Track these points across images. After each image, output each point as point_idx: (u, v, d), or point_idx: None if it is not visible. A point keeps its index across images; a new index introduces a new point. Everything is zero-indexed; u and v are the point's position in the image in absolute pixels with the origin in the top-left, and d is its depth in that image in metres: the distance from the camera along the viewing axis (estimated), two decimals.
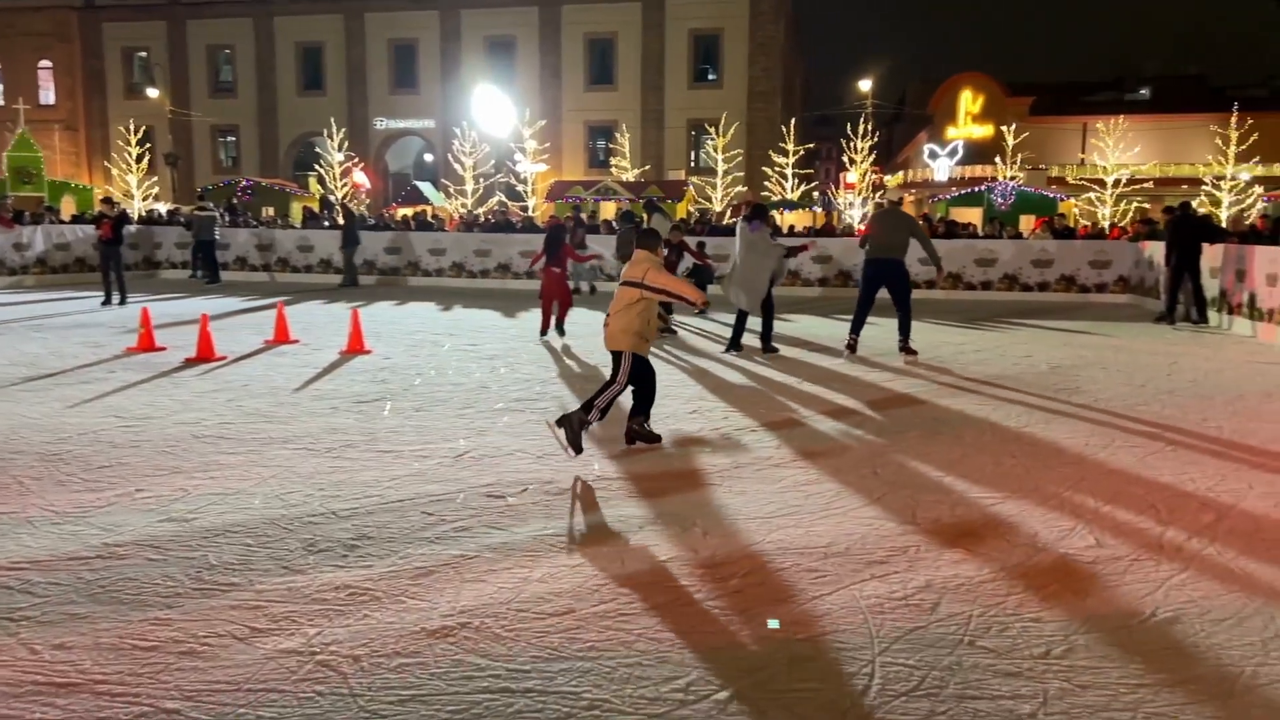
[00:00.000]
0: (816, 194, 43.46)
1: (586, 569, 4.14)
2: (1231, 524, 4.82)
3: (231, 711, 2.95)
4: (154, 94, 42.21)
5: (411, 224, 24.66)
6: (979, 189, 32.48)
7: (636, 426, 6.29)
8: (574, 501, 5.13)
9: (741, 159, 39.17)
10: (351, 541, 4.45)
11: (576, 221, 20.58)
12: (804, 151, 39.22)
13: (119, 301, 15.50)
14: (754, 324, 10.74)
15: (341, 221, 22.36)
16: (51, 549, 4.32)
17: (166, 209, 32.28)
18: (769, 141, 39.43)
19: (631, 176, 37.79)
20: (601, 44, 42.83)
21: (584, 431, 5.91)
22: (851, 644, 3.45)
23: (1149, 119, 42.63)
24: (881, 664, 3.30)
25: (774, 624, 3.59)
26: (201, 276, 20.97)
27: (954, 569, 4.17)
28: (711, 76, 42.36)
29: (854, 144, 38.70)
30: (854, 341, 10.43)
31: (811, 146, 43.31)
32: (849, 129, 39.32)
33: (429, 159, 47.21)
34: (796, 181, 38.05)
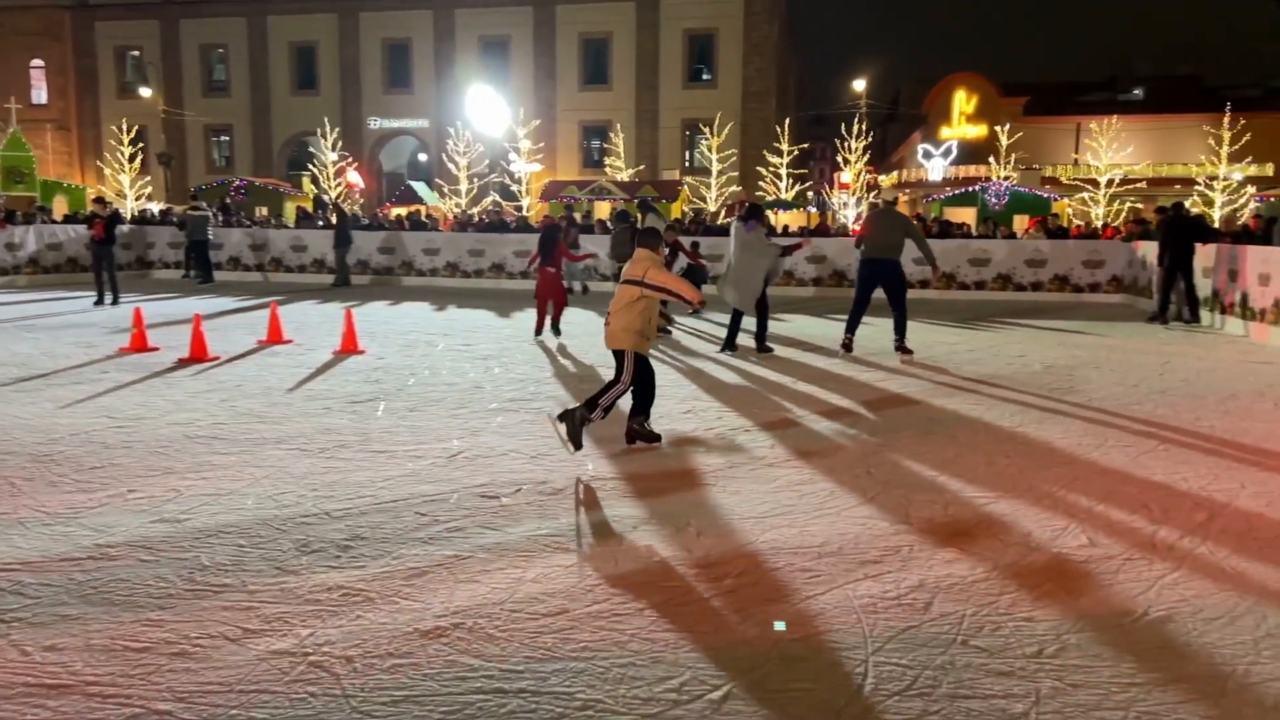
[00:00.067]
0: (811, 194, 43.56)
1: (580, 569, 4.14)
2: (1224, 523, 4.83)
3: (223, 713, 2.94)
4: (147, 93, 42.07)
5: (405, 224, 24.63)
6: (973, 189, 32.52)
7: (637, 426, 6.29)
8: (568, 502, 5.13)
9: (736, 159, 39.18)
10: (345, 542, 4.44)
11: (569, 221, 20.56)
12: (798, 151, 39.27)
13: (111, 301, 15.46)
14: (749, 324, 10.74)
15: (334, 221, 22.32)
16: (43, 550, 4.31)
17: (159, 209, 32.21)
18: (763, 141, 39.46)
19: (626, 176, 37.78)
20: (596, 44, 42.81)
21: (584, 428, 5.93)
22: (845, 643, 3.45)
23: (1142, 119, 42.75)
24: (875, 663, 3.30)
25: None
26: (195, 276, 20.93)
27: (947, 568, 4.18)
28: (706, 76, 42.37)
29: (848, 144, 38.79)
30: (849, 341, 10.50)
31: (806, 146, 43.43)
32: (843, 129, 39.46)
33: (423, 159, 47.15)
34: (791, 181, 38.09)
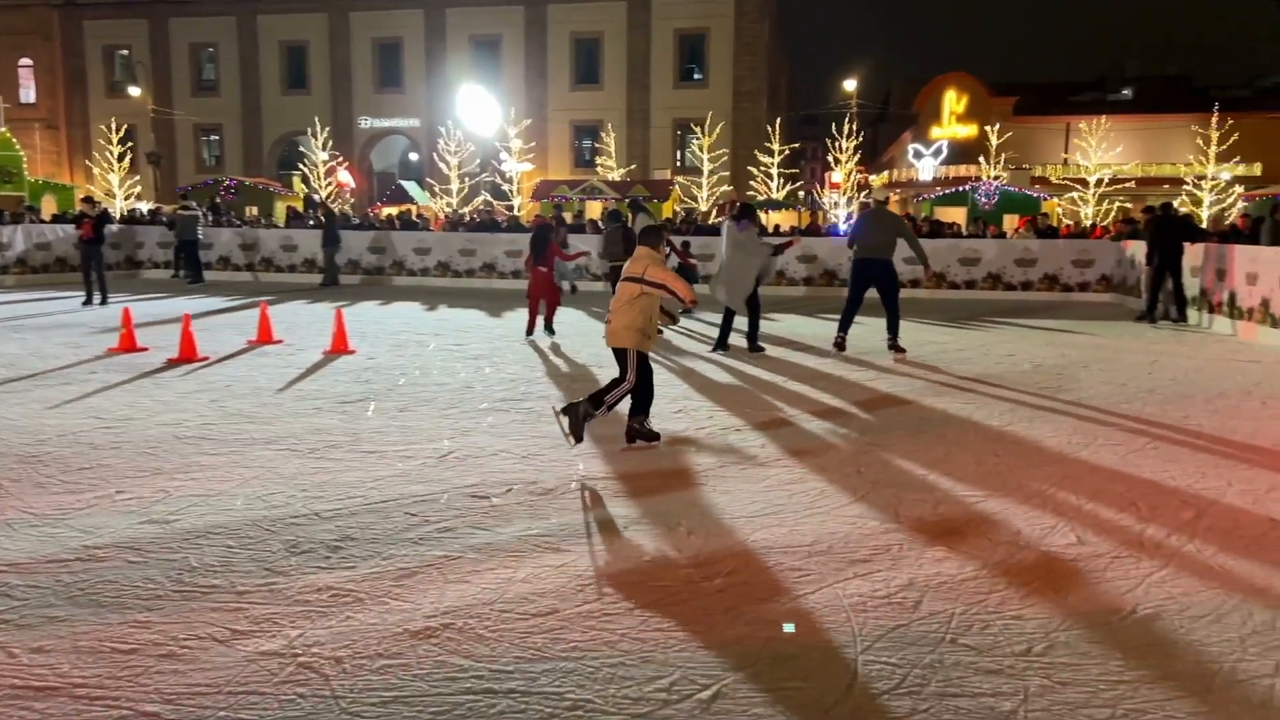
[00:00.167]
0: (802, 193, 43.57)
1: (570, 569, 4.13)
2: (1211, 521, 4.86)
3: (211, 714, 2.94)
4: (136, 93, 41.85)
5: (396, 223, 24.57)
6: (963, 188, 32.63)
7: (637, 425, 6.32)
8: (558, 502, 5.12)
9: (727, 158, 39.20)
10: (334, 543, 4.43)
11: (558, 221, 20.55)
12: (789, 151, 39.28)
13: (100, 302, 15.39)
14: (740, 324, 10.76)
15: (323, 220, 22.27)
16: (30, 551, 4.29)
17: (148, 208, 32.06)
18: (754, 141, 39.49)
19: (617, 176, 37.75)
20: (587, 43, 42.79)
21: (587, 424, 5.98)
22: (834, 642, 3.46)
23: (1131, 119, 42.94)
24: (864, 662, 3.31)
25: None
26: (184, 276, 20.85)
27: (936, 567, 4.19)
28: (697, 76, 42.39)
29: (839, 143, 38.82)
30: (842, 340, 10.56)
31: (797, 146, 43.38)
32: (834, 128, 39.45)
33: (414, 158, 47.05)
34: (782, 181, 38.13)
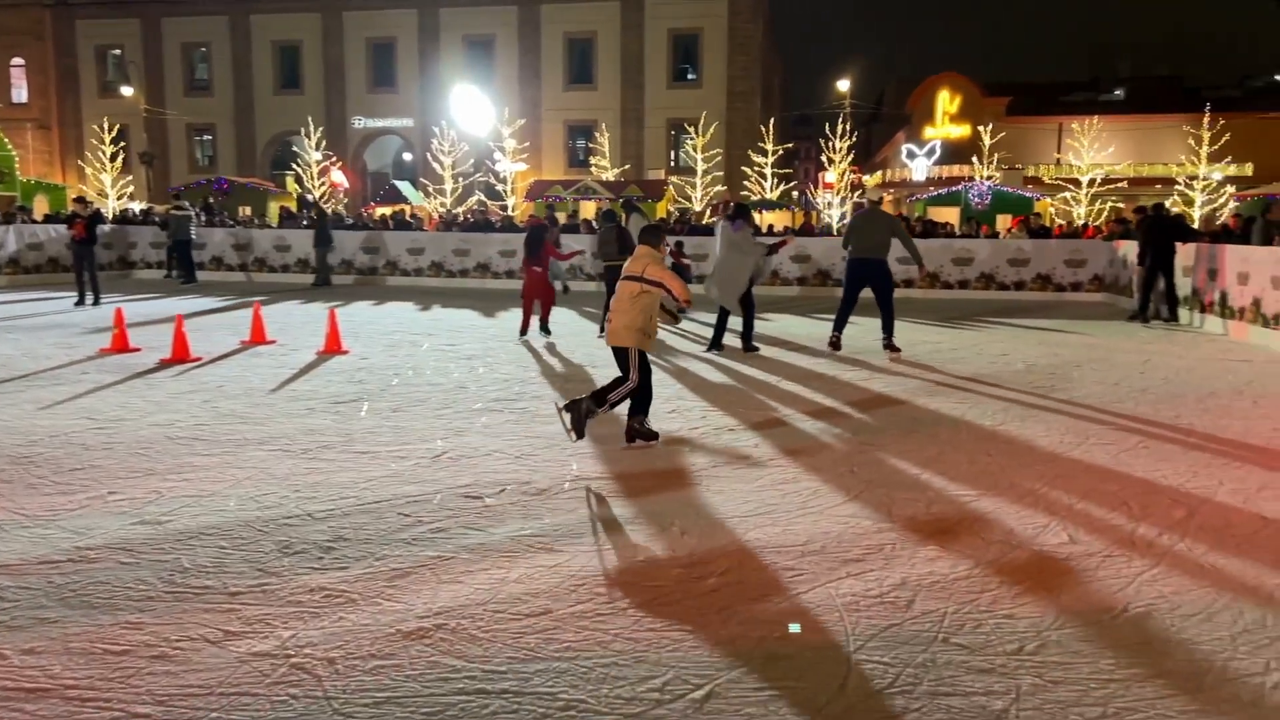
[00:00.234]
0: (795, 193, 43.63)
1: (563, 569, 4.13)
2: (1202, 520, 4.88)
3: (204, 716, 2.93)
4: (128, 92, 41.67)
5: (390, 223, 24.53)
6: (956, 188, 32.68)
7: (637, 425, 6.35)
8: (552, 502, 5.12)
9: (721, 158, 39.22)
10: (327, 543, 4.42)
11: (550, 220, 20.53)
12: (783, 151, 39.32)
13: (92, 302, 15.34)
14: (735, 324, 10.78)
15: (315, 220, 22.22)
16: (21, 553, 4.27)
17: (141, 208, 31.97)
18: (748, 141, 39.52)
19: (611, 176, 37.76)
20: (581, 43, 42.77)
21: (589, 420, 6.02)
22: (827, 641, 3.47)
23: (1123, 119, 43.06)
24: (857, 661, 3.31)
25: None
26: (177, 276, 20.79)
27: (929, 566, 4.20)
28: (691, 76, 42.41)
29: (832, 144, 38.87)
30: (837, 339, 10.64)
31: (790, 146, 43.49)
32: (827, 129, 39.55)
33: (408, 158, 46.98)
34: (775, 181, 38.16)
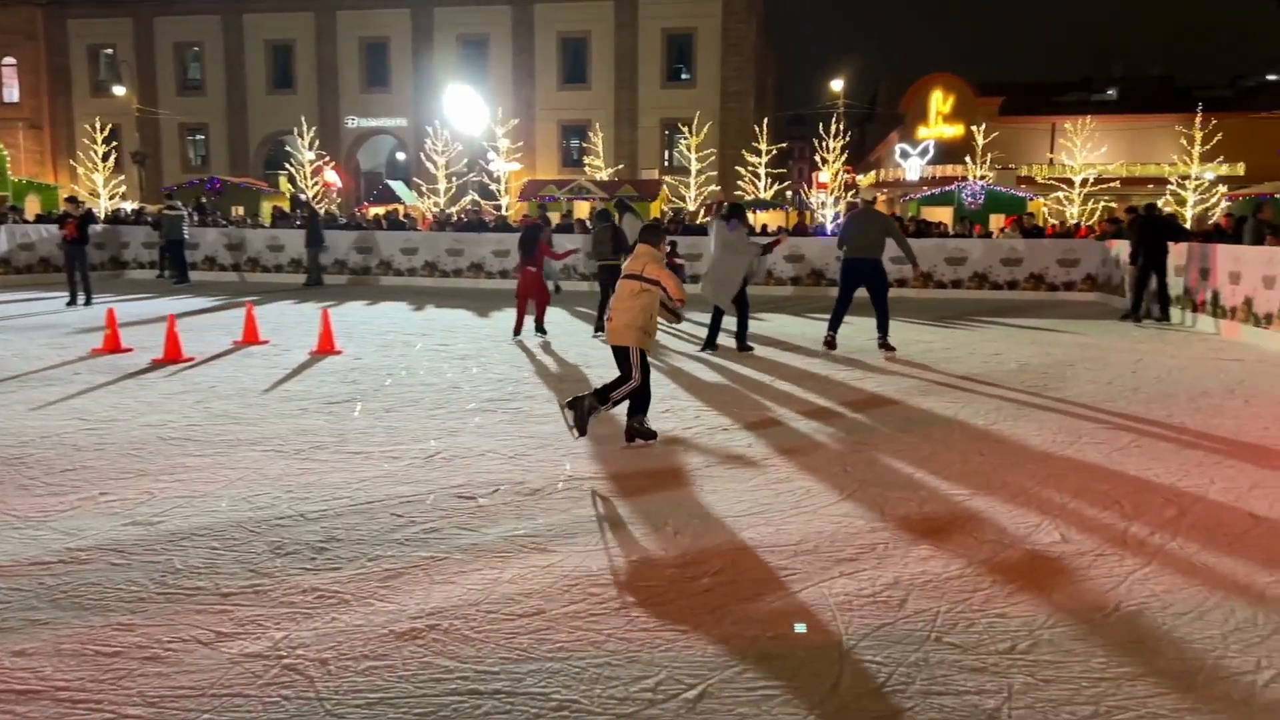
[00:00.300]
0: (789, 193, 43.65)
1: (557, 569, 4.13)
2: (1194, 519, 4.89)
3: (195, 717, 2.92)
4: (120, 92, 41.57)
5: (383, 223, 24.49)
6: (950, 188, 32.75)
7: (636, 424, 6.37)
8: (545, 502, 5.12)
9: (714, 158, 39.25)
10: (320, 544, 4.41)
11: (543, 220, 20.52)
12: (776, 151, 39.35)
13: (84, 302, 15.29)
14: (729, 323, 10.80)
15: (307, 220, 22.18)
16: (12, 554, 4.26)
17: (133, 208, 31.85)
18: (742, 141, 39.56)
19: (605, 175, 37.73)
20: (575, 43, 42.77)
21: (591, 418, 6.06)
22: (820, 641, 3.47)
23: (1116, 119, 43.23)
24: (850, 661, 3.32)
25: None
26: (169, 276, 20.74)
27: (922, 565, 4.21)
28: (684, 76, 42.43)
29: (826, 143, 38.89)
30: (832, 338, 10.71)
31: (784, 146, 43.49)
32: (821, 128, 39.55)
33: (401, 158, 46.92)
34: (769, 181, 38.19)
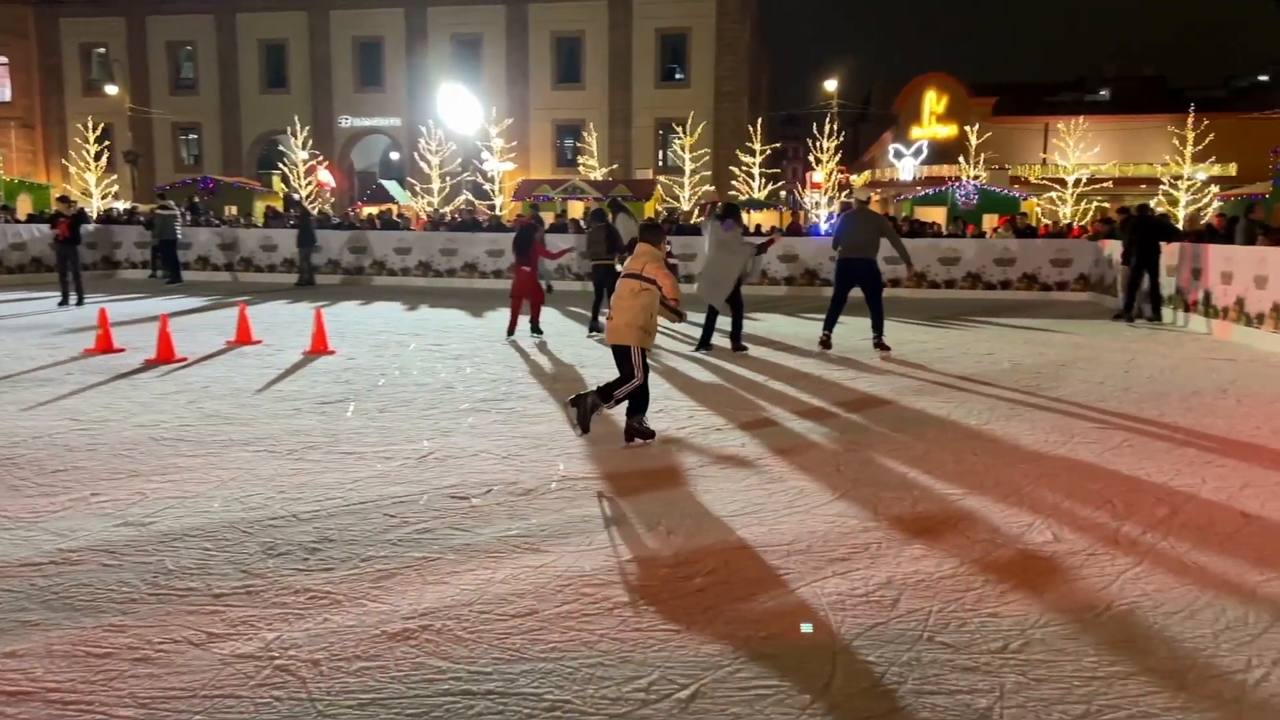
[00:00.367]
0: (783, 193, 43.69)
1: (550, 570, 4.13)
2: (1185, 518, 4.91)
3: (187, 718, 2.91)
4: (113, 91, 41.43)
5: (377, 223, 24.45)
6: (943, 188, 32.80)
7: (636, 424, 6.38)
8: (538, 502, 5.11)
9: (709, 158, 39.27)
10: (312, 544, 4.40)
11: (536, 221, 20.49)
12: (770, 151, 39.37)
13: (76, 302, 15.24)
14: (723, 323, 10.81)
15: (299, 219, 22.14)
16: (3, 555, 4.24)
17: (126, 207, 31.76)
18: (736, 141, 39.56)
19: (599, 175, 37.72)
20: (569, 42, 42.75)
21: (594, 416, 6.11)
22: (813, 641, 3.47)
23: (1109, 119, 43.37)
24: (842, 660, 3.32)
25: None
26: (162, 276, 20.69)
27: (915, 565, 4.21)
28: (679, 76, 42.44)
29: (820, 143, 38.93)
30: (827, 338, 10.74)
31: (778, 146, 43.48)
32: (815, 128, 39.56)
33: (395, 157, 46.85)
34: (763, 181, 38.21)
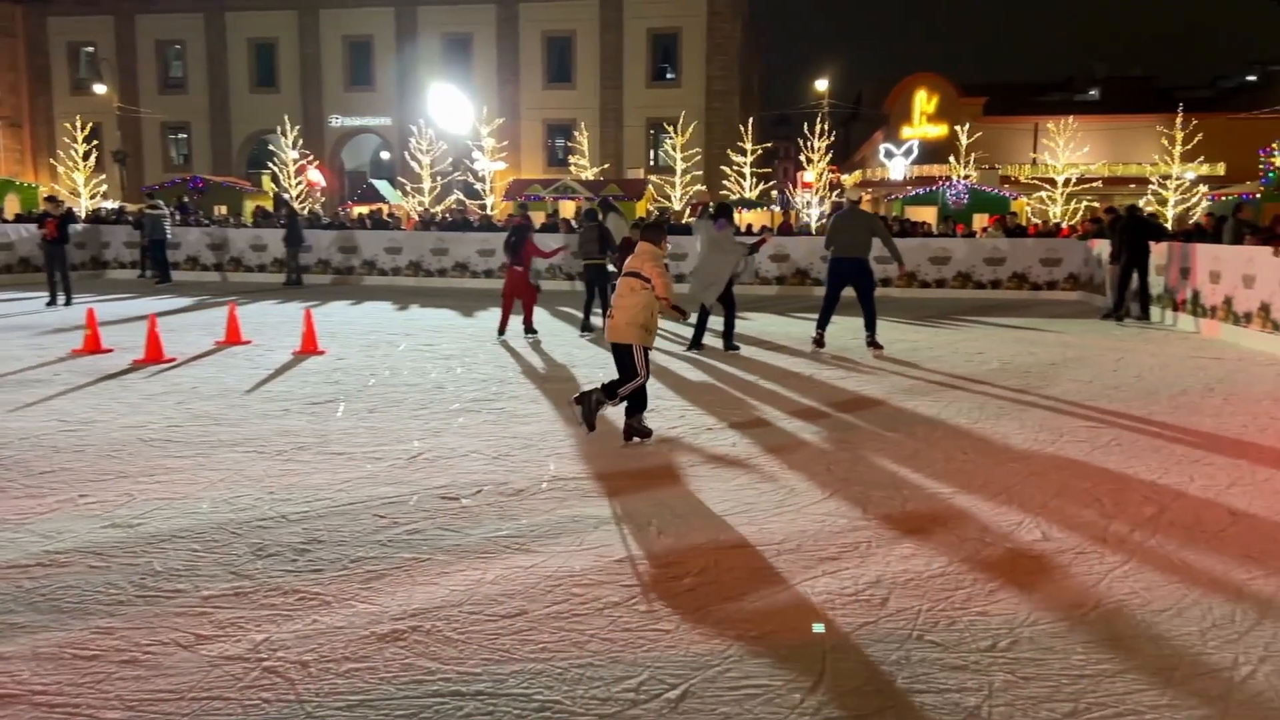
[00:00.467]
0: (774, 193, 43.73)
1: (540, 570, 4.13)
2: (1173, 516, 4.94)
3: None
4: (101, 90, 41.20)
5: (367, 222, 24.38)
6: (933, 188, 32.88)
7: (635, 423, 6.41)
8: (529, 503, 5.11)
9: (700, 158, 39.26)
10: (301, 545, 4.39)
11: (525, 221, 20.45)
12: (761, 151, 39.41)
13: (64, 302, 15.16)
14: (715, 323, 10.84)
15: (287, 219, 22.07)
16: None
17: (114, 207, 31.61)
18: (727, 140, 39.58)
19: (590, 175, 37.69)
20: (560, 42, 42.68)
21: (598, 414, 6.19)
22: (802, 640, 3.48)
23: (1098, 119, 43.51)
24: (832, 660, 3.33)
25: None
26: (151, 276, 20.59)
27: (904, 564, 4.22)
28: (670, 75, 42.41)
29: (811, 143, 38.99)
30: (820, 337, 10.77)
31: (769, 146, 43.57)
32: (806, 128, 39.63)
33: (385, 157, 46.71)
34: (754, 180, 38.24)
